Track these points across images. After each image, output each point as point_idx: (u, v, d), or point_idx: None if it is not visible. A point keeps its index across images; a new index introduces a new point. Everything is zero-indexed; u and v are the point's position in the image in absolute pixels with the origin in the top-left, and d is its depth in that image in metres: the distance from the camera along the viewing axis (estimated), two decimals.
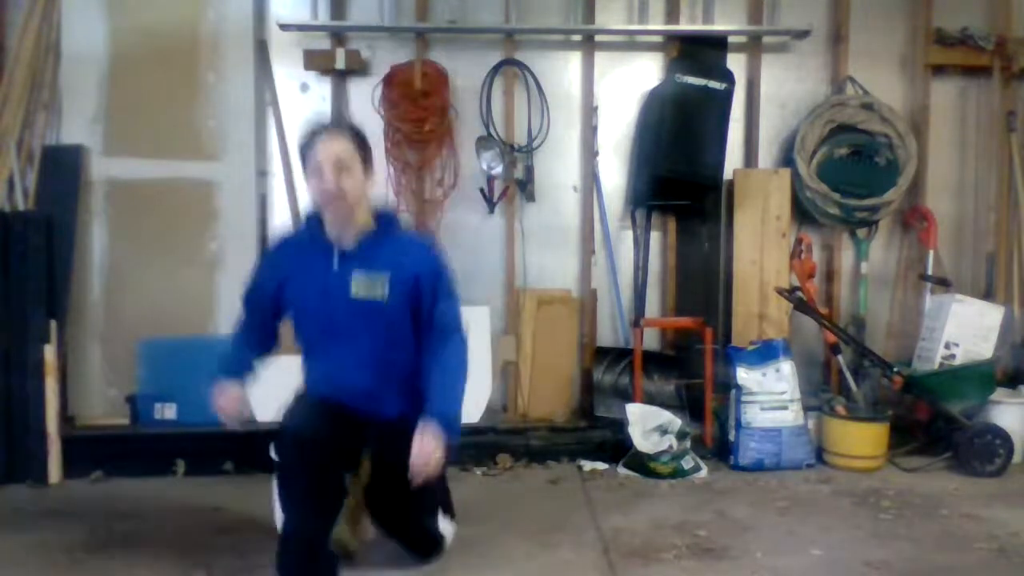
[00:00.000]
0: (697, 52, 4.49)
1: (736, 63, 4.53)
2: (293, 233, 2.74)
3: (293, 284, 2.51)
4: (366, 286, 2.41)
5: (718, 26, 4.54)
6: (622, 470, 3.87)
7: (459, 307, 2.55)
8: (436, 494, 2.63)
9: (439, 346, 2.46)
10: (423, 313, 2.46)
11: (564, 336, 4.43)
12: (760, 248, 4.41)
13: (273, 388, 4.05)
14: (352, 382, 2.48)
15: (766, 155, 4.63)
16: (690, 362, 4.37)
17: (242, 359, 2.66)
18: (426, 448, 2.31)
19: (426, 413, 2.37)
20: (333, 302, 2.43)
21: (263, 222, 4.42)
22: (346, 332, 2.44)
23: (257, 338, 2.68)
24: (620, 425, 3.98)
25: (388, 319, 2.44)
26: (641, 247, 4.54)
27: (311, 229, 2.52)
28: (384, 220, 2.52)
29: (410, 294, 2.44)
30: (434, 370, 2.43)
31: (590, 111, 4.52)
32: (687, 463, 3.82)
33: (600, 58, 4.55)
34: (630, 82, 4.58)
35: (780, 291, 4.17)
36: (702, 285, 4.53)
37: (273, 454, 2.51)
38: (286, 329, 2.74)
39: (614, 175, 4.59)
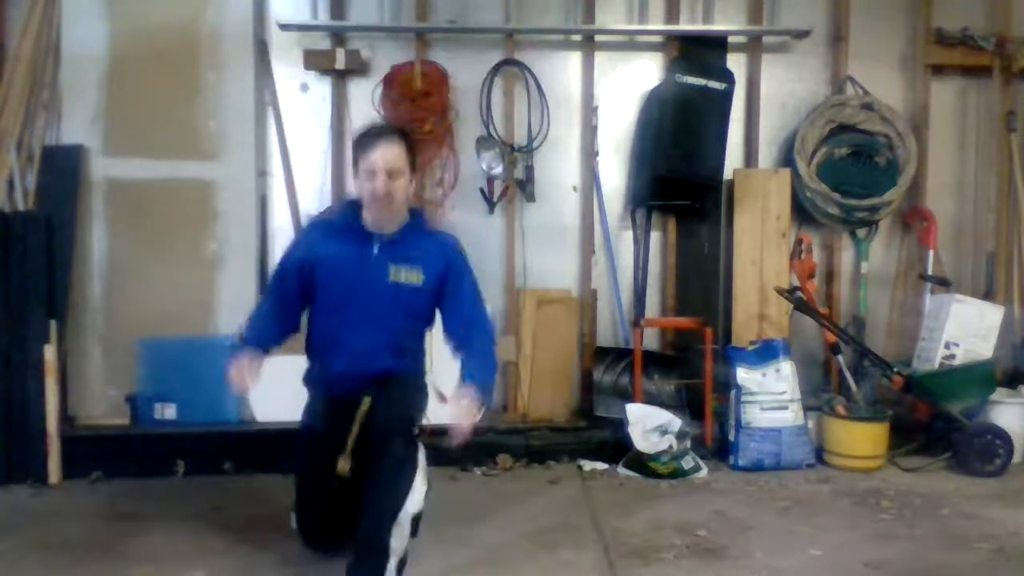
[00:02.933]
0: (697, 52, 4.50)
1: (736, 63, 4.53)
2: (329, 217, 2.87)
3: (327, 265, 2.67)
4: (404, 273, 2.65)
5: (718, 26, 4.54)
6: (622, 470, 3.87)
7: (483, 302, 2.85)
8: (414, 465, 2.58)
9: (475, 336, 2.72)
10: (452, 306, 2.72)
11: (564, 336, 4.42)
12: (760, 248, 4.41)
13: (273, 389, 4.07)
14: (370, 358, 2.64)
15: (766, 155, 4.63)
16: (690, 362, 4.37)
17: (263, 334, 2.79)
18: (466, 408, 2.54)
19: (465, 381, 2.61)
20: (370, 285, 2.63)
21: (263, 222, 4.42)
22: (374, 313, 2.64)
23: (279, 320, 2.80)
24: (620, 425, 3.97)
25: (419, 302, 2.69)
26: (641, 247, 4.54)
27: (347, 216, 2.74)
28: (417, 216, 2.78)
29: (438, 282, 2.70)
30: (471, 353, 2.69)
31: (590, 111, 4.52)
32: (687, 463, 3.82)
33: (600, 58, 4.55)
34: (630, 82, 4.58)
35: (780, 291, 4.17)
36: (702, 285, 4.53)
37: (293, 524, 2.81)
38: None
39: (614, 175, 4.59)
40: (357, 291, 2.64)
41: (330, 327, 2.70)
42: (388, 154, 2.57)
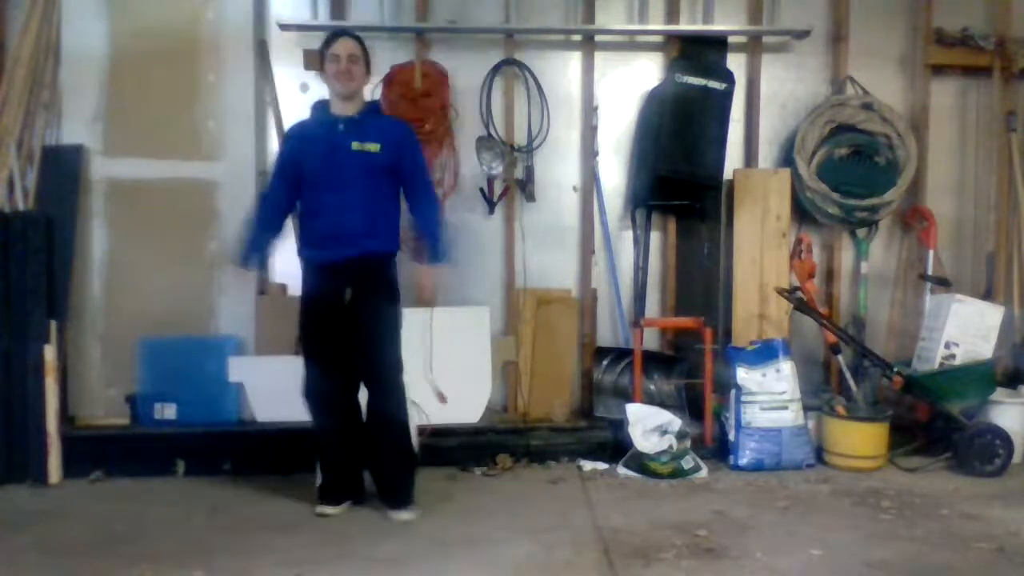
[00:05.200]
0: (697, 52, 4.50)
1: (736, 63, 4.53)
2: (305, 120, 3.49)
3: (306, 147, 3.33)
4: (365, 145, 3.26)
5: (718, 26, 4.54)
6: (622, 470, 3.86)
7: (428, 171, 3.63)
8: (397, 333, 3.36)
9: (422, 204, 3.40)
10: (404, 173, 3.35)
11: (564, 336, 4.42)
12: (760, 248, 4.41)
13: (273, 389, 4.08)
14: (346, 222, 3.24)
15: (766, 155, 4.63)
16: (690, 362, 4.37)
17: (263, 238, 3.41)
18: (428, 277, 3.38)
19: (428, 255, 3.38)
20: (338, 154, 3.25)
21: None
22: (346, 176, 3.24)
23: (277, 214, 3.42)
24: (620, 425, 3.98)
25: (377, 169, 3.27)
26: (641, 247, 4.54)
27: (318, 112, 3.38)
28: (373, 106, 3.46)
29: (395, 152, 3.30)
30: (423, 224, 3.41)
31: (590, 111, 4.52)
32: (687, 463, 3.81)
33: (600, 58, 4.55)
34: (630, 82, 4.58)
35: (780, 291, 4.17)
36: (702, 285, 4.53)
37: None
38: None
39: (614, 175, 4.59)
40: (329, 161, 3.25)
41: (313, 196, 3.29)
42: (348, 44, 3.29)
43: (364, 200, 3.25)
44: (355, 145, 3.25)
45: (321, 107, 3.38)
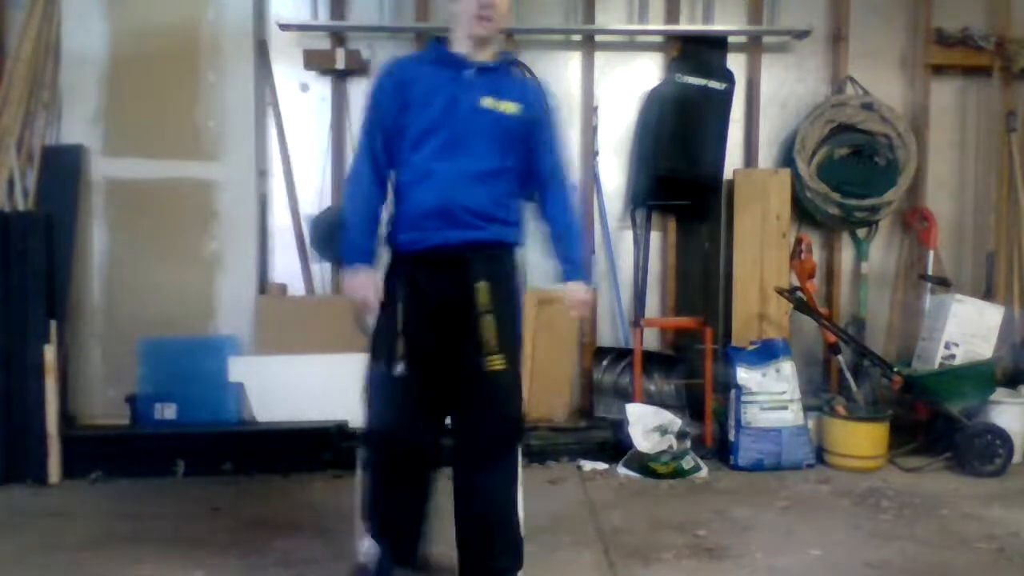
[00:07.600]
0: (697, 52, 4.50)
1: (736, 63, 4.53)
2: (414, 55, 2.70)
3: (421, 96, 2.43)
4: (495, 102, 2.44)
5: (718, 26, 4.54)
6: (622, 470, 3.86)
7: (565, 161, 2.71)
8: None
9: (560, 202, 2.64)
10: (536, 154, 2.56)
11: (564, 336, 4.42)
12: (760, 248, 4.40)
13: (273, 389, 4.08)
14: (463, 195, 2.40)
15: (766, 155, 4.63)
16: (690, 362, 4.37)
17: (370, 230, 2.47)
18: (580, 296, 2.67)
19: (568, 270, 2.68)
20: (460, 108, 2.41)
21: (263, 222, 4.43)
22: (466, 140, 2.42)
23: (378, 191, 2.49)
24: (620, 425, 3.97)
25: (512, 136, 2.48)
26: (641, 247, 4.54)
27: (437, 49, 2.53)
28: (508, 57, 2.62)
29: (528, 125, 2.51)
30: (562, 228, 2.67)
31: (590, 111, 4.52)
32: (687, 463, 3.81)
33: (600, 58, 4.55)
34: (630, 82, 4.59)
35: (780, 291, 4.17)
36: (702, 285, 4.53)
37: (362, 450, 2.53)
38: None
39: (614, 175, 4.60)
40: (450, 115, 2.40)
41: (421, 160, 2.41)
42: None
43: (488, 173, 2.43)
44: (486, 101, 2.42)
45: (440, 46, 2.51)
